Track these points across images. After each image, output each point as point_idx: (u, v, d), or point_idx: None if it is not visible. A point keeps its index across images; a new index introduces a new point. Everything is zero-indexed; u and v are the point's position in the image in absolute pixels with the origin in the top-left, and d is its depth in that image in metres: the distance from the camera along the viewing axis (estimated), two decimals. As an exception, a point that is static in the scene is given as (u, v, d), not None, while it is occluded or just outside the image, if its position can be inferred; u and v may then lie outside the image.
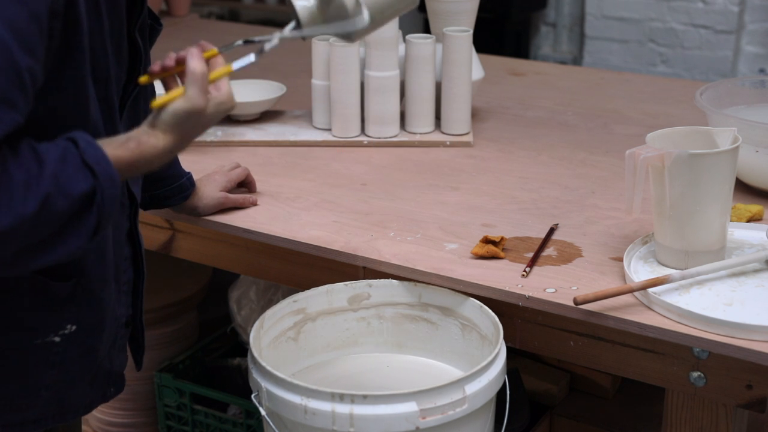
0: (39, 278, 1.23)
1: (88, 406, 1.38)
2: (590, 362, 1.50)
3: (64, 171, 1.08)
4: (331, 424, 1.33)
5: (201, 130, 1.22)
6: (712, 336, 1.35)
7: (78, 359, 1.31)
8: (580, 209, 1.77)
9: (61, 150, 1.09)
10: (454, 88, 2.08)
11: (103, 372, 1.37)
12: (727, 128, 1.52)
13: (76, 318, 1.28)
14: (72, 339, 1.29)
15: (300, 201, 1.82)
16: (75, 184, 1.08)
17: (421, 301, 1.60)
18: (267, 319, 1.55)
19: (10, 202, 1.03)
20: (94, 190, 1.10)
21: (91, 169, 1.10)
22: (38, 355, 1.27)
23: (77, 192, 1.08)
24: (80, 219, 1.10)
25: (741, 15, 4.08)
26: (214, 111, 1.21)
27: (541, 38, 4.77)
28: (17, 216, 1.04)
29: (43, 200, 1.06)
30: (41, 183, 1.06)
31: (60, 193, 1.07)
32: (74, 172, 1.09)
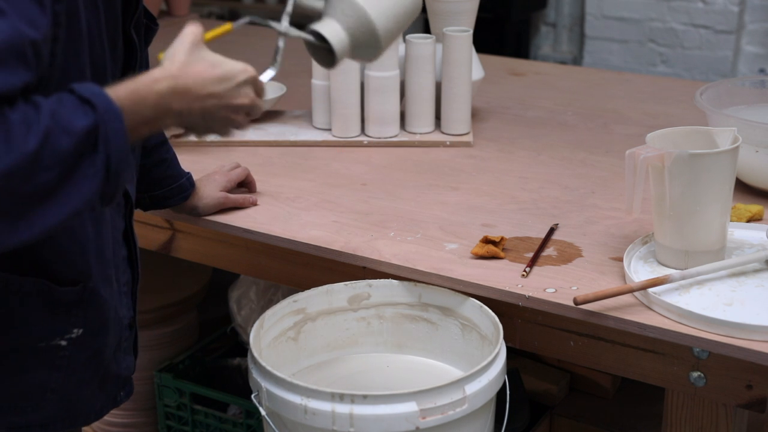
0: (45, 283, 1.22)
1: (99, 411, 1.36)
2: (590, 362, 1.50)
3: (62, 109, 1.03)
4: (331, 424, 1.33)
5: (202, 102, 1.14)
6: (712, 336, 1.35)
7: (84, 362, 1.30)
8: (580, 209, 1.77)
9: (56, 96, 1.05)
10: (454, 88, 2.08)
11: (112, 375, 1.36)
12: (727, 128, 1.52)
13: (82, 322, 1.27)
14: (78, 342, 1.28)
15: (300, 201, 1.82)
16: (75, 120, 1.02)
17: (421, 301, 1.60)
18: (267, 319, 1.55)
19: (9, 140, 0.98)
20: (96, 124, 1.03)
21: (89, 103, 1.04)
22: (43, 358, 1.26)
23: (78, 127, 1.02)
24: (88, 158, 1.03)
25: (741, 15, 4.08)
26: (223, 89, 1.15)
27: (541, 38, 4.77)
28: (18, 154, 0.98)
29: (44, 136, 1.00)
30: (40, 120, 1.00)
31: (60, 130, 1.01)
32: (73, 108, 1.03)
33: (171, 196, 1.65)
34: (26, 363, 1.25)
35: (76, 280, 1.25)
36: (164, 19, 3.34)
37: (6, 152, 0.98)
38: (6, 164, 0.98)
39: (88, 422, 1.36)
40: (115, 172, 1.05)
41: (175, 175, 1.65)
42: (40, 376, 1.26)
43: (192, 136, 2.01)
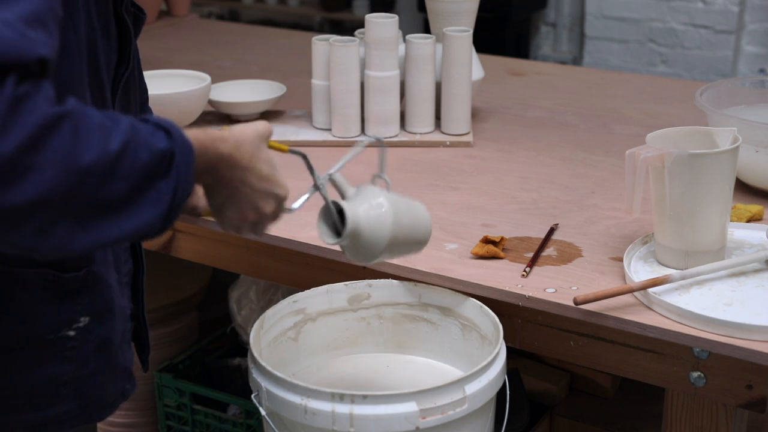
0: (49, 272, 1.20)
1: (111, 404, 1.34)
2: (590, 362, 1.50)
3: (140, 126, 1.00)
4: (331, 424, 1.33)
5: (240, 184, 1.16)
6: (712, 336, 1.35)
7: (94, 352, 1.28)
8: (580, 209, 1.77)
9: (133, 119, 1.02)
10: (454, 88, 2.08)
11: (119, 366, 1.34)
12: (727, 128, 1.52)
13: (88, 310, 1.25)
14: (86, 331, 1.26)
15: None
16: (154, 140, 1.00)
17: (421, 301, 1.60)
18: (267, 319, 1.55)
19: (92, 135, 0.94)
20: (172, 150, 1.01)
21: (166, 130, 1.02)
22: (52, 351, 1.23)
23: (158, 146, 1.00)
24: (160, 181, 1.00)
25: (741, 15, 4.08)
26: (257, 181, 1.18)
27: (541, 38, 4.77)
28: (101, 152, 0.94)
29: (125, 143, 0.96)
30: (120, 127, 0.97)
31: (141, 144, 0.98)
32: (150, 131, 1.01)
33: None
34: (37, 357, 1.22)
35: (79, 265, 1.23)
36: (164, 19, 3.34)
37: (86, 147, 0.93)
38: (87, 160, 0.93)
39: (102, 417, 1.33)
40: (178, 204, 1.03)
41: None
42: (52, 369, 1.24)
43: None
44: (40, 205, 0.91)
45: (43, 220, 0.93)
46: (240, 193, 1.17)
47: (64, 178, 0.92)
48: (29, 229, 0.93)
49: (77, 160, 0.92)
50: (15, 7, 0.92)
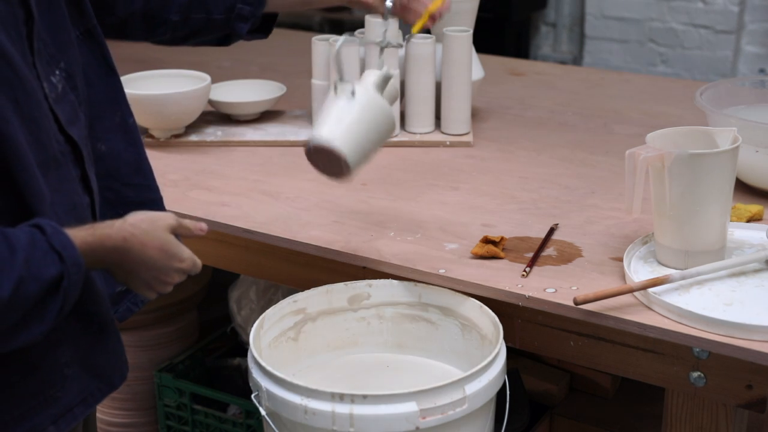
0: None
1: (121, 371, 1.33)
2: (590, 362, 1.50)
3: (34, 255, 1.08)
4: (331, 424, 1.33)
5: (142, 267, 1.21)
6: (712, 336, 1.35)
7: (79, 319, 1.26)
8: (580, 209, 1.77)
9: (29, 235, 1.10)
10: (454, 88, 2.08)
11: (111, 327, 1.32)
12: (727, 128, 1.52)
13: None
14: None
15: (300, 201, 1.82)
16: (45, 269, 1.09)
17: (421, 301, 1.60)
18: (267, 319, 1.55)
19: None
20: (62, 274, 1.10)
21: (59, 254, 1.10)
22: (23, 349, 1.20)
23: (47, 276, 1.09)
24: (45, 304, 1.10)
25: (741, 15, 4.08)
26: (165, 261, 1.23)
27: (541, 38, 4.77)
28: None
29: (17, 284, 1.06)
30: (14, 267, 1.06)
31: (31, 277, 1.07)
32: (43, 256, 1.09)
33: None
34: (28, 350, 1.21)
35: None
36: (164, 19, 3.34)
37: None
38: None
39: (120, 382, 1.34)
40: (64, 312, 1.12)
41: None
42: (49, 358, 1.23)
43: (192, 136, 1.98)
44: None
45: None
46: (138, 274, 1.22)
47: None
48: None
49: None
50: None
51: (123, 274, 1.22)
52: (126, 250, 1.19)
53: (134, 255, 1.20)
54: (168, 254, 1.24)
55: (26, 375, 1.21)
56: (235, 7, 1.59)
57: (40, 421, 1.22)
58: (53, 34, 1.27)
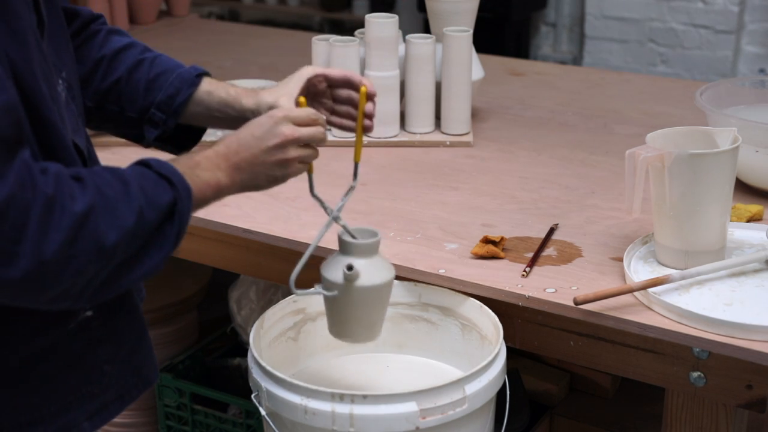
0: None
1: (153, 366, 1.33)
2: (590, 362, 1.50)
3: (147, 185, 1.11)
4: (331, 424, 1.33)
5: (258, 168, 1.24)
6: (712, 336, 1.35)
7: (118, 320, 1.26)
8: (580, 209, 1.77)
9: (137, 169, 1.13)
10: (454, 88, 2.08)
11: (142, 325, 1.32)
12: (727, 128, 1.52)
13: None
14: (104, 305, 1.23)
15: (300, 201, 1.82)
16: (159, 196, 1.11)
17: (421, 301, 1.60)
18: (267, 319, 1.55)
19: (113, 217, 1.05)
20: (174, 199, 1.13)
21: (168, 180, 1.13)
22: (82, 336, 1.21)
23: (162, 202, 1.11)
24: (163, 230, 1.12)
25: (741, 15, 4.08)
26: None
27: (541, 38, 4.77)
28: (120, 229, 1.06)
29: (138, 213, 1.08)
30: (132, 197, 1.09)
31: (148, 205, 1.10)
32: (154, 185, 1.12)
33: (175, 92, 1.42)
34: (69, 349, 1.20)
35: None
36: (164, 19, 3.35)
37: (112, 229, 1.05)
38: (111, 241, 1.05)
39: (155, 379, 1.33)
40: (182, 237, 1.15)
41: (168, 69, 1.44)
42: (90, 354, 1.22)
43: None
44: (77, 282, 1.05)
45: (78, 292, 1.06)
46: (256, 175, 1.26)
47: (96, 259, 1.05)
48: (66, 302, 1.07)
49: (105, 243, 1.05)
50: None
51: (239, 177, 1.23)
52: (222, 152, 1.22)
53: (234, 150, 1.22)
54: (264, 128, 1.24)
55: (66, 371, 1.21)
56: (149, 111, 1.43)
57: (75, 416, 1.21)
58: (55, 42, 1.26)
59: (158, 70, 1.43)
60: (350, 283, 1.33)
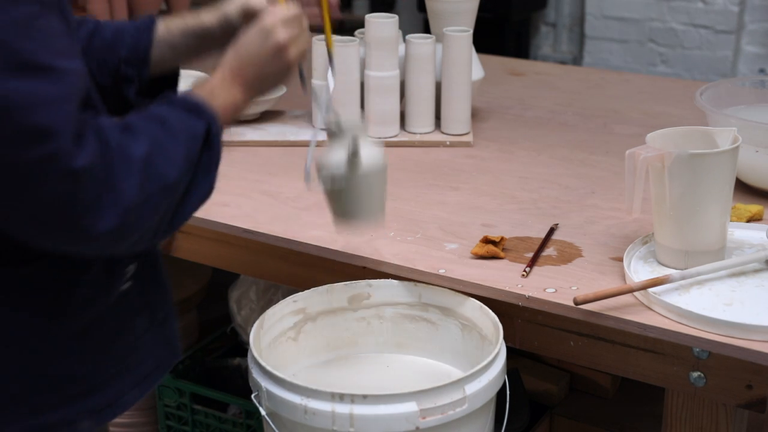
0: None
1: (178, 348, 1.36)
2: (590, 362, 1.50)
3: (181, 118, 1.16)
4: (331, 424, 1.33)
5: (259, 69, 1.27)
6: (712, 336, 1.35)
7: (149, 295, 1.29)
8: (580, 209, 1.77)
9: (165, 106, 1.17)
10: (454, 88, 2.08)
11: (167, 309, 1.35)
12: (727, 128, 1.52)
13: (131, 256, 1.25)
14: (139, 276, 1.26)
15: (300, 201, 1.82)
16: (194, 127, 1.16)
17: (421, 301, 1.60)
18: (267, 319, 1.55)
19: (167, 154, 1.11)
20: (208, 126, 1.17)
21: (196, 111, 1.18)
22: (122, 308, 1.24)
23: (199, 132, 1.16)
24: (204, 158, 1.17)
25: (741, 15, 4.08)
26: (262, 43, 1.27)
27: (541, 38, 4.77)
28: (176, 164, 1.12)
29: (184, 145, 1.14)
30: (175, 132, 1.14)
31: (190, 137, 1.15)
32: (187, 117, 1.16)
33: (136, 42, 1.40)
34: (115, 320, 1.23)
35: None
36: (164, 19, 3.34)
37: (171, 167, 1.11)
38: (173, 177, 1.12)
39: (181, 352, 1.36)
40: (220, 160, 1.20)
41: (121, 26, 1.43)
42: (130, 325, 1.26)
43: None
44: (152, 221, 1.11)
45: (153, 232, 1.13)
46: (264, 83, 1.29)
47: (164, 195, 1.12)
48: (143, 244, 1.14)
49: (168, 179, 1.11)
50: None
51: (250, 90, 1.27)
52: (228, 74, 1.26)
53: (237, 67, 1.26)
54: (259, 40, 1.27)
55: (112, 341, 1.23)
56: (119, 70, 1.41)
57: (121, 387, 1.24)
58: None
59: (112, 29, 1.42)
60: (356, 168, 1.40)
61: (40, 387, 1.16)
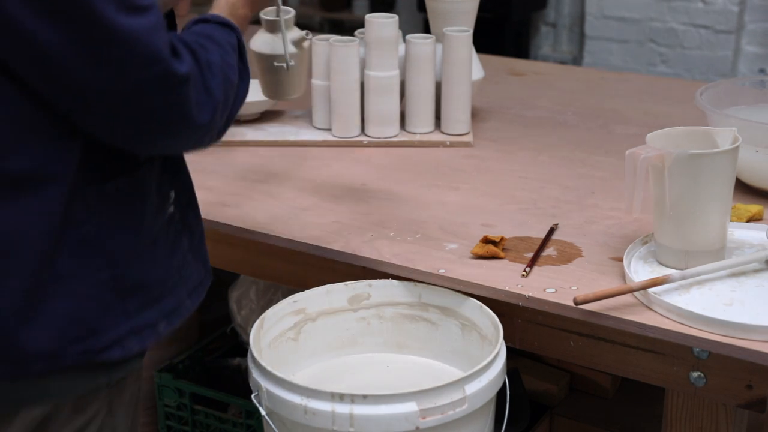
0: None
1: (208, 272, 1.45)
2: (590, 362, 1.50)
3: (222, 33, 1.36)
4: (331, 424, 1.34)
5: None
6: (712, 336, 1.35)
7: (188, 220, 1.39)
8: (580, 209, 1.77)
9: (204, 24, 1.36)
10: (454, 88, 2.08)
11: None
12: (727, 128, 1.52)
13: (170, 183, 1.35)
14: (177, 202, 1.37)
15: (300, 201, 1.82)
16: (230, 39, 1.36)
17: (421, 301, 1.60)
18: (267, 319, 1.55)
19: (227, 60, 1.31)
20: (238, 37, 1.39)
21: (228, 26, 1.38)
22: (171, 227, 1.34)
23: (234, 42, 1.37)
24: (241, 66, 1.37)
25: (741, 15, 4.08)
26: None
27: (541, 38, 4.77)
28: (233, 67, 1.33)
29: (232, 53, 1.34)
30: (223, 43, 1.34)
31: (231, 47, 1.35)
32: (222, 31, 1.36)
33: None
34: (168, 236, 1.33)
35: None
36: (164, 19, 3.34)
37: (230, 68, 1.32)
38: (234, 76, 1.33)
39: (211, 277, 1.45)
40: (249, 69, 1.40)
41: None
42: (179, 242, 1.36)
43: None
44: (227, 114, 1.33)
45: (225, 123, 1.33)
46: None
47: (231, 92, 1.32)
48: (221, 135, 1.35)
49: (233, 79, 1.32)
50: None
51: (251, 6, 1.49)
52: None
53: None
54: None
55: (169, 255, 1.33)
56: None
57: (181, 295, 1.35)
58: None
59: None
60: (303, 48, 1.77)
61: (126, 293, 1.26)
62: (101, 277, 1.23)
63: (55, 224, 1.18)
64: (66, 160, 1.18)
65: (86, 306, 1.22)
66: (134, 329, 1.27)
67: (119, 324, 1.25)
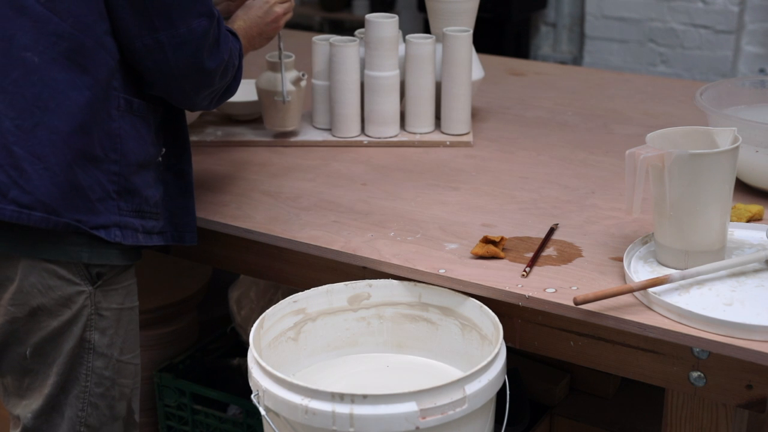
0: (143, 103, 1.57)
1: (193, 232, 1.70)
2: (590, 362, 1.50)
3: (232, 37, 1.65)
4: (331, 424, 1.34)
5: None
6: (712, 336, 1.35)
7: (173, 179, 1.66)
8: (580, 209, 1.77)
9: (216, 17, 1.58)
10: (454, 88, 2.08)
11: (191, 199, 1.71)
12: (727, 128, 1.52)
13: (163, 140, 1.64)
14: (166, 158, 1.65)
15: (300, 201, 1.82)
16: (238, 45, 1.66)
17: (421, 301, 1.60)
18: (267, 319, 1.55)
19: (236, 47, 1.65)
20: (241, 46, 1.67)
21: (236, 35, 1.67)
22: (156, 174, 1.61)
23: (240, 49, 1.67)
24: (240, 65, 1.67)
25: (741, 15, 4.08)
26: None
27: (541, 38, 4.77)
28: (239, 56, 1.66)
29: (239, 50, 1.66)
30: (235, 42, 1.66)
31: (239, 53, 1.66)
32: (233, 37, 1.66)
33: None
34: (152, 175, 1.60)
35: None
36: (164, 19, 3.34)
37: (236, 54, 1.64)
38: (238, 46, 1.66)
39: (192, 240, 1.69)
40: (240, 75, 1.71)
41: None
42: (156, 187, 1.61)
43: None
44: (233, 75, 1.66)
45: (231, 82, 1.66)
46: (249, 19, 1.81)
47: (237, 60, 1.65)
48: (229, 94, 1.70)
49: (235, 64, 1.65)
50: None
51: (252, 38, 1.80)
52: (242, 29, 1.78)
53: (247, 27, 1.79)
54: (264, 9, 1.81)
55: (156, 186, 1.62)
56: None
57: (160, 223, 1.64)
58: None
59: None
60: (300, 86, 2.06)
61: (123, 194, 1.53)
62: (112, 169, 1.51)
63: (97, 104, 1.47)
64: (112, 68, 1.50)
65: (95, 188, 1.49)
66: (120, 224, 1.53)
67: (111, 213, 1.51)
